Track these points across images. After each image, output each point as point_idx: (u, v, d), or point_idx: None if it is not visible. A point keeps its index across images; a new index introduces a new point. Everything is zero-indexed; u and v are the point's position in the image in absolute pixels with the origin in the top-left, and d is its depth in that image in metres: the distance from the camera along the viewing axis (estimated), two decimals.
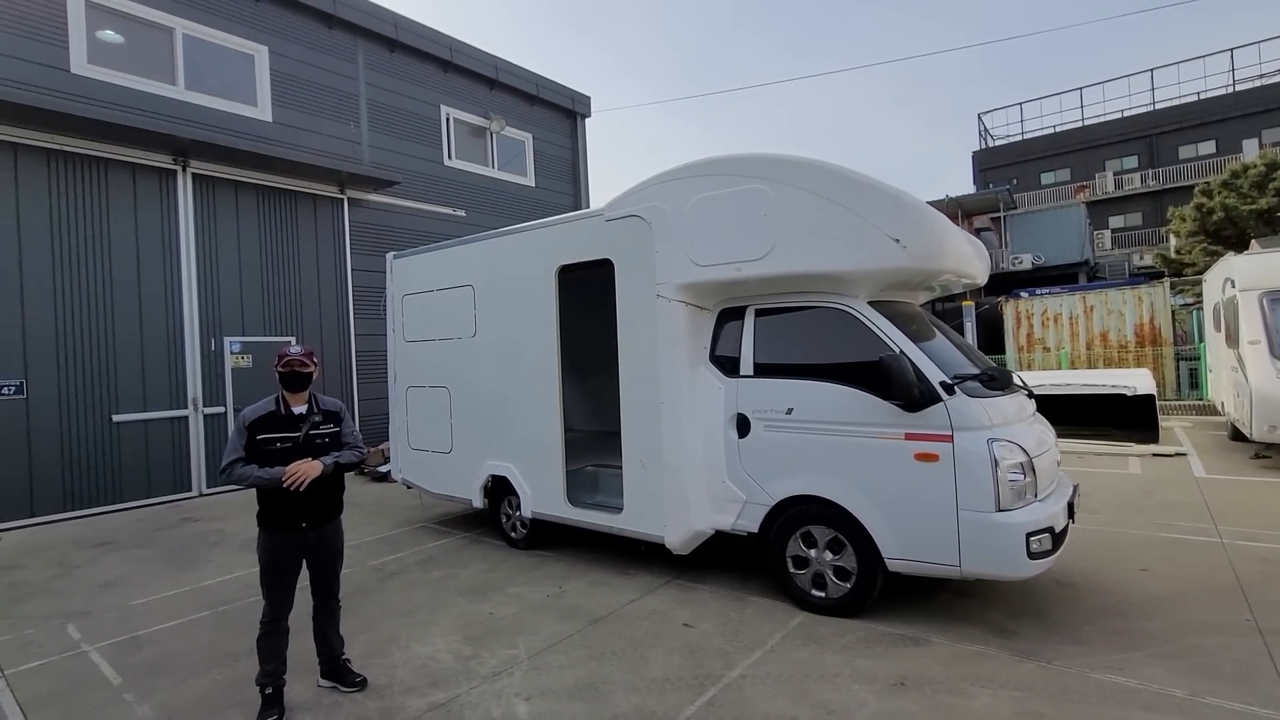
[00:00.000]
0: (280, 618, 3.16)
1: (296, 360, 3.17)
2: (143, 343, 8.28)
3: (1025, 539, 3.44)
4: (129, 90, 8.42)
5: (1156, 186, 30.33)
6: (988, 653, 3.45)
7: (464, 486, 6.00)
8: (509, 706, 3.11)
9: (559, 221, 5.46)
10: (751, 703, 3.05)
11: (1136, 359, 13.84)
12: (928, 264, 3.94)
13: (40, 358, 7.54)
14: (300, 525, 3.15)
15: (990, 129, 37.06)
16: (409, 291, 6.65)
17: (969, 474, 3.52)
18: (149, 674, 3.62)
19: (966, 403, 3.61)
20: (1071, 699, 2.98)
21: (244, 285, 9.25)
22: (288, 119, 10.01)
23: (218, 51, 9.40)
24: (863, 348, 3.86)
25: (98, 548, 6.36)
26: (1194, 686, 3.03)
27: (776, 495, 4.16)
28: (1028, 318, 15.40)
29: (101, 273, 8.02)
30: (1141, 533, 5.43)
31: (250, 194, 9.40)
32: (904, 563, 3.74)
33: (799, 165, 4.06)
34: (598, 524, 5.03)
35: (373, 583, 4.99)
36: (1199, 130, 30.55)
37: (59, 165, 7.78)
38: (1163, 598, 4.07)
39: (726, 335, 4.49)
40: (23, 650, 4.01)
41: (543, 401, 5.27)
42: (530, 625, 4.05)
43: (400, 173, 11.01)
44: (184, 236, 8.70)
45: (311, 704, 3.22)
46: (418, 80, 11.93)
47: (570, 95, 14.88)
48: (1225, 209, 19.71)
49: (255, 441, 3.08)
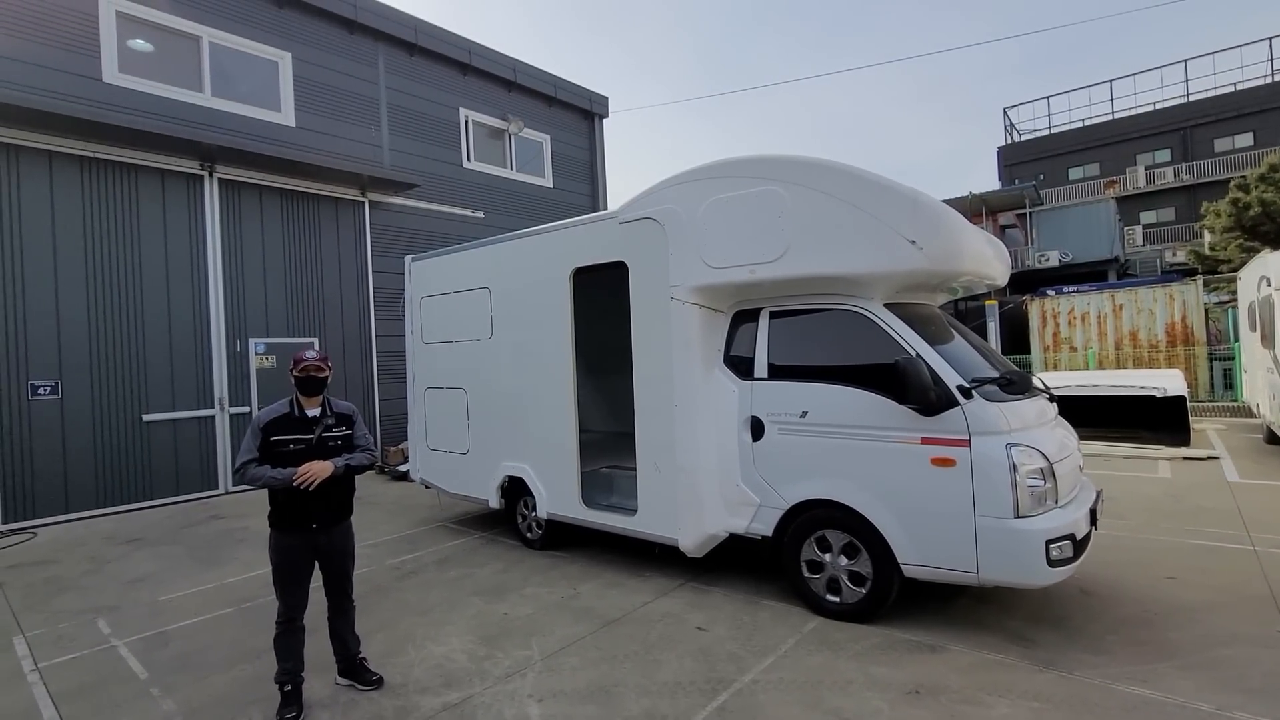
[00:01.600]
0: (295, 617, 3.22)
1: (313, 365, 3.23)
2: (171, 344, 8.50)
3: (1045, 546, 3.36)
4: (158, 98, 8.64)
5: (1190, 181, 29.42)
6: (1006, 661, 3.39)
7: (481, 487, 6.06)
8: (522, 708, 3.14)
9: (573, 224, 5.48)
10: (763, 708, 3.04)
11: (1168, 359, 13.47)
12: (945, 266, 3.87)
13: (74, 360, 7.78)
14: (310, 526, 3.20)
15: (1016, 124, 36.33)
16: (427, 294, 6.73)
17: (987, 479, 3.46)
18: (174, 669, 3.72)
19: (984, 407, 3.55)
20: (1092, 711, 2.92)
21: (268, 287, 9.44)
22: (310, 124, 10.19)
23: (243, 59, 9.60)
24: (878, 350, 3.81)
25: (128, 544, 6.54)
26: (1221, 700, 2.94)
27: (791, 499, 4.13)
28: (1054, 316, 15.08)
29: (132, 276, 8.24)
30: (1170, 539, 5.28)
31: (274, 198, 9.59)
32: (920, 569, 3.69)
33: (813, 166, 4.02)
34: (612, 525, 5.04)
35: (390, 581, 5.07)
36: (1236, 122, 29.56)
37: (91, 172, 8.02)
38: (1190, 607, 3.96)
39: (741, 337, 4.46)
40: (56, 644, 4.14)
41: (558, 403, 5.30)
42: (544, 626, 4.08)
43: (420, 175, 11.15)
44: (211, 240, 8.91)
45: (329, 701, 3.28)
46: (437, 83, 12.05)
47: (588, 96, 14.92)
48: (1263, 204, 19.04)
49: (269, 443, 3.14)
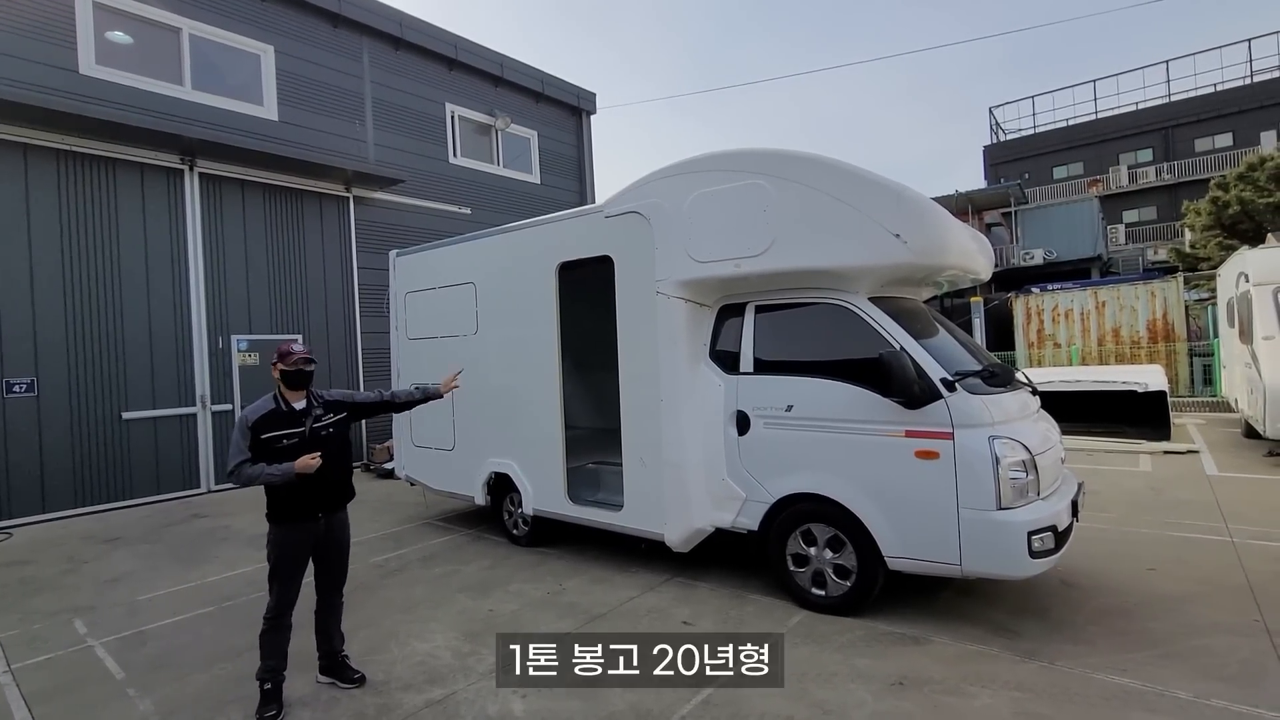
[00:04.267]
0: (285, 613, 3.18)
1: (303, 358, 3.21)
2: (151, 341, 8.36)
3: (1027, 538, 3.39)
4: (137, 90, 8.49)
5: (1171, 180, 29.83)
6: (989, 652, 3.41)
7: (466, 484, 6.02)
8: (505, 703, 3.11)
9: (559, 218, 5.45)
10: (748, 701, 3.03)
11: (1149, 355, 13.66)
12: (929, 259, 3.89)
13: (50, 356, 7.64)
14: (316, 516, 3.19)
15: (1002, 123, 36.64)
16: (411, 289, 6.67)
17: (970, 472, 3.48)
18: (152, 669, 3.66)
19: (967, 399, 3.57)
20: (1073, 700, 2.94)
21: (250, 283, 9.32)
22: (294, 118, 10.06)
23: (224, 51, 9.46)
24: (863, 344, 3.82)
25: (107, 543, 6.44)
26: (1198, 688, 2.98)
27: (776, 493, 4.13)
28: (1038, 313, 15.24)
29: (110, 272, 8.10)
30: (1150, 531, 5.35)
31: (257, 193, 9.46)
32: (904, 561, 3.71)
33: (798, 160, 4.02)
34: (598, 521, 5.02)
35: (375, 579, 5.02)
36: (1216, 123, 29.99)
37: (68, 165, 7.86)
38: (1170, 598, 4.01)
39: (726, 332, 4.46)
40: (30, 644, 4.06)
41: (543, 399, 5.27)
42: (530, 622, 4.05)
43: (406, 171, 11.04)
44: (191, 235, 8.77)
45: (310, 699, 3.24)
46: (423, 78, 11.95)
47: (575, 92, 14.85)
48: (1241, 202, 19.37)
49: (260, 441, 3.09)
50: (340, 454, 3.32)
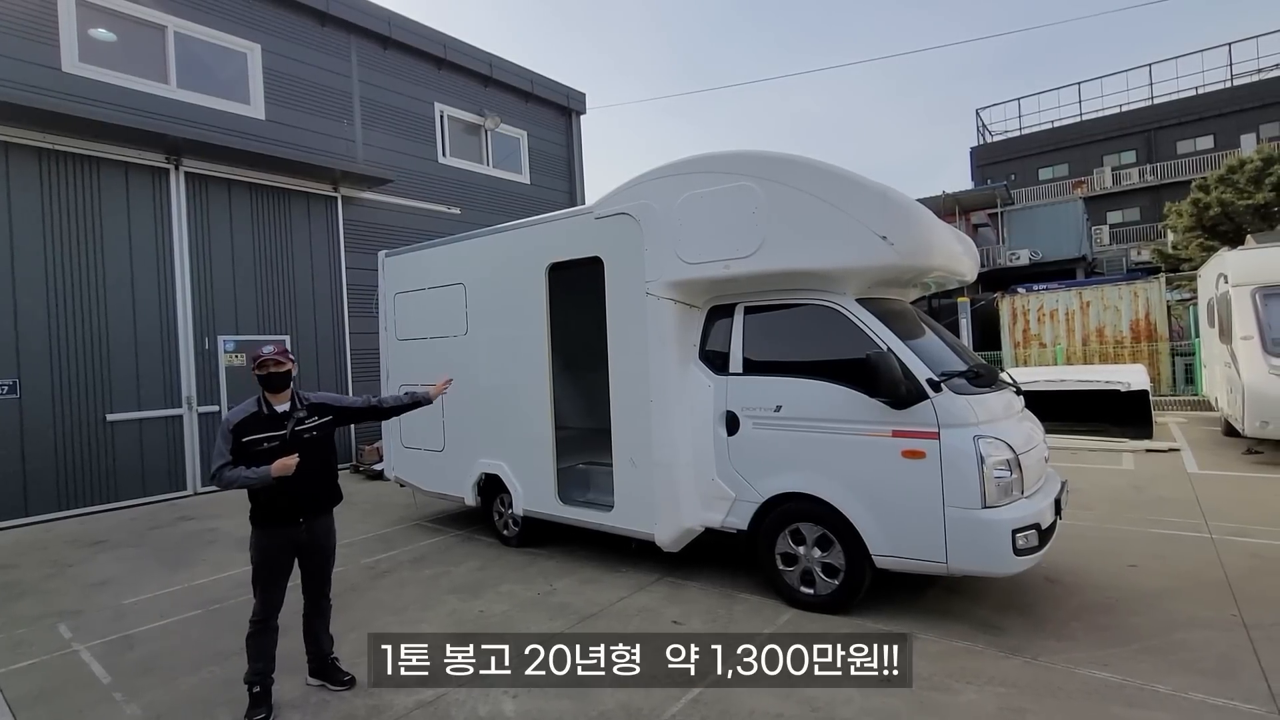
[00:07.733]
0: (270, 616, 3.16)
1: (272, 360, 3.13)
2: (136, 342, 8.27)
3: (1011, 535, 3.44)
4: (121, 89, 8.39)
5: (1154, 182, 30.28)
6: (974, 649, 3.46)
7: (456, 484, 6.01)
8: (496, 704, 3.12)
9: (549, 219, 5.46)
10: (738, 699, 3.06)
11: (1132, 355, 13.85)
12: (915, 261, 3.94)
13: (34, 357, 7.54)
14: (297, 521, 3.15)
15: (988, 124, 37.00)
16: (401, 290, 6.64)
17: (955, 471, 3.53)
18: (139, 673, 3.63)
19: (953, 399, 3.62)
20: (1056, 695, 3.00)
21: (237, 284, 9.24)
22: (281, 117, 9.98)
23: (210, 49, 9.37)
24: (850, 345, 3.86)
25: (92, 547, 6.37)
26: (1177, 682, 3.04)
27: (765, 493, 4.16)
28: (1024, 313, 15.41)
29: (95, 272, 8.00)
30: (1132, 528, 5.44)
31: (244, 192, 9.38)
32: (891, 560, 3.75)
33: (787, 162, 4.06)
34: (589, 522, 5.04)
35: (365, 581, 5.00)
36: (1197, 125, 30.48)
37: (51, 164, 7.76)
38: (1150, 593, 4.08)
39: (716, 333, 4.49)
40: (14, 650, 4.02)
41: (534, 399, 5.28)
42: (520, 623, 4.06)
43: (394, 170, 10.99)
44: (177, 235, 8.68)
45: (299, 702, 3.23)
46: (412, 77, 11.89)
47: (565, 92, 14.85)
48: (1222, 204, 19.70)
49: (242, 444, 3.07)
50: (323, 457, 3.28)
